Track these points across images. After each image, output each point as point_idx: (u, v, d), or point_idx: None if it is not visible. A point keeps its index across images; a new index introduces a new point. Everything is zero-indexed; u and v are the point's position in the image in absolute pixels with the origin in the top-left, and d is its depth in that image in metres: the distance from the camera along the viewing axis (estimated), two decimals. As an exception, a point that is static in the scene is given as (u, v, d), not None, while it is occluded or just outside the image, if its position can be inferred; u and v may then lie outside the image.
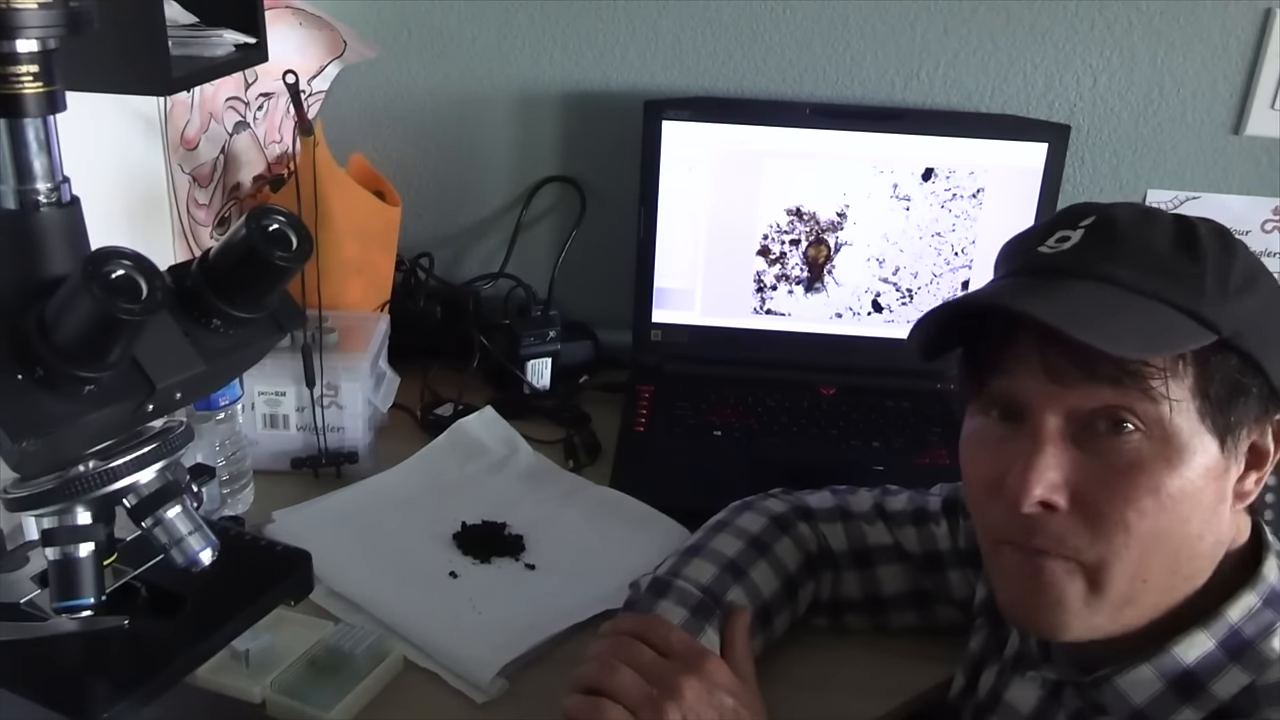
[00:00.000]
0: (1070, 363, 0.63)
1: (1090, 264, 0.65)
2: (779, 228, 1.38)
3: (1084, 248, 0.66)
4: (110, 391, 0.58)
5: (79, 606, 0.63)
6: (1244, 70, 1.38)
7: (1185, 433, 0.63)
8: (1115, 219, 0.66)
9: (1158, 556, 0.64)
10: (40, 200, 0.58)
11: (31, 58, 0.56)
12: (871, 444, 1.28)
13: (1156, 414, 0.63)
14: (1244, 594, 0.66)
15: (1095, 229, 0.66)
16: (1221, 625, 0.66)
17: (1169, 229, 0.66)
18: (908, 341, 0.71)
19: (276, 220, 0.62)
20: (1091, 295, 0.64)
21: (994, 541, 0.70)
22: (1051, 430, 0.65)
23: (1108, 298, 0.64)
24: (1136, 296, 0.64)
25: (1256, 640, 0.65)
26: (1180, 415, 0.63)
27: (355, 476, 1.17)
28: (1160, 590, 0.66)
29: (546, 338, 1.39)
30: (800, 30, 1.41)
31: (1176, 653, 0.66)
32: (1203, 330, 0.63)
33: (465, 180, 1.52)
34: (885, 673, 0.93)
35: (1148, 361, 0.62)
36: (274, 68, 1.17)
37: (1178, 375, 0.63)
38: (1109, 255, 0.65)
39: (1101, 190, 1.46)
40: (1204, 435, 0.64)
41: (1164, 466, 0.63)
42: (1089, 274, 0.65)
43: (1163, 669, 0.66)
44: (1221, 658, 0.65)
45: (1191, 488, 0.63)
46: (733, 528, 0.92)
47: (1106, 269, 0.65)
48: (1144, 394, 0.63)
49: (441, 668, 0.90)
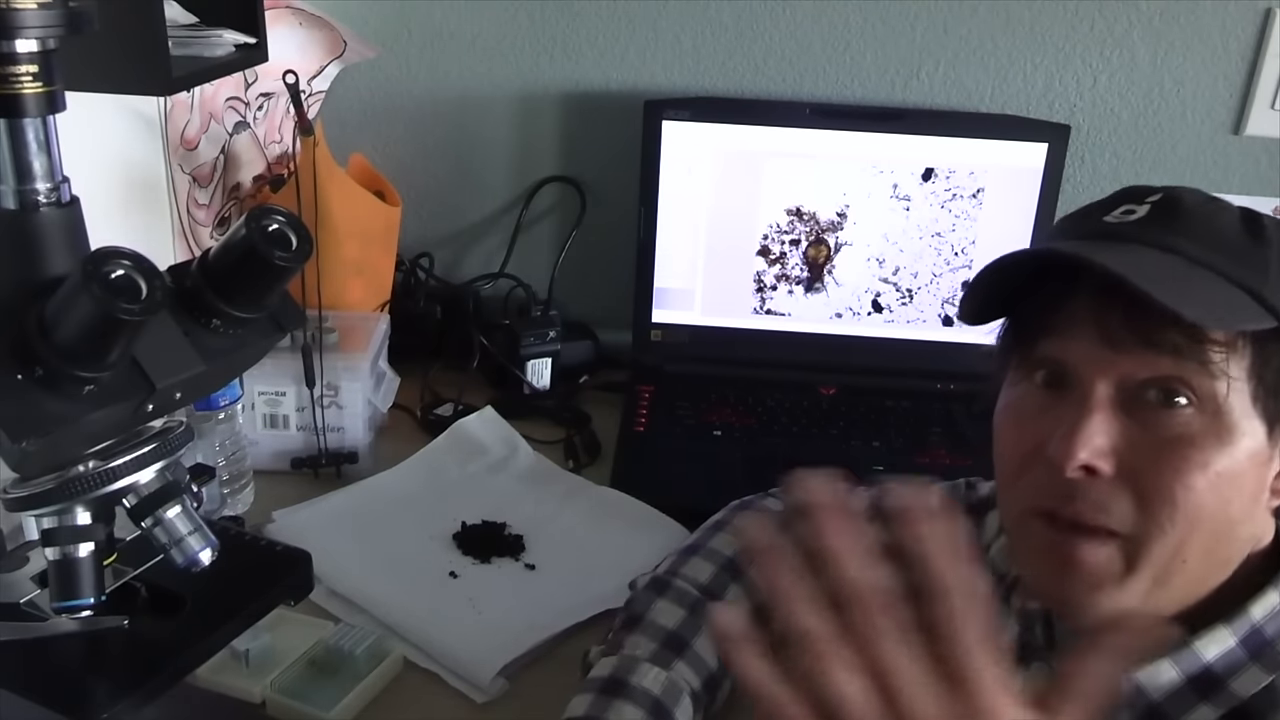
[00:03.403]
0: (1127, 328, 0.61)
1: (1156, 234, 0.64)
2: (779, 228, 1.38)
3: (1150, 220, 0.65)
4: (110, 391, 0.58)
5: (79, 606, 0.62)
6: (1244, 70, 1.38)
7: (1237, 412, 0.62)
8: (1182, 198, 0.66)
9: (1198, 536, 0.62)
10: (40, 200, 0.58)
11: (31, 58, 0.56)
12: (871, 444, 1.28)
13: (1212, 389, 0.61)
14: (1268, 592, 0.65)
15: (1162, 205, 0.66)
16: (1244, 622, 0.65)
17: (1235, 213, 0.65)
18: (960, 302, 0.68)
19: (276, 220, 0.62)
20: (1159, 261, 0.63)
21: (1024, 513, 0.66)
22: (1101, 397, 0.63)
23: (1175, 265, 0.63)
24: (1202, 269, 0.63)
25: (1277, 639, 0.64)
26: (1235, 395, 0.61)
27: (355, 476, 1.17)
28: (1195, 574, 0.65)
29: (546, 338, 1.39)
30: (800, 30, 1.41)
31: (1197, 647, 0.65)
32: (1264, 313, 0.62)
33: (465, 180, 1.52)
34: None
35: (1209, 335, 0.61)
36: (274, 68, 1.17)
37: (1237, 353, 0.61)
38: (1175, 229, 0.64)
39: (1101, 190, 1.41)
40: (1254, 419, 0.62)
41: (1214, 443, 0.61)
42: (1155, 243, 0.64)
43: (1182, 664, 0.65)
44: (1242, 655, 0.64)
45: (1238, 469, 0.62)
46: (731, 527, 0.92)
47: (1172, 240, 0.64)
48: (1202, 367, 0.61)
49: (441, 668, 0.90)
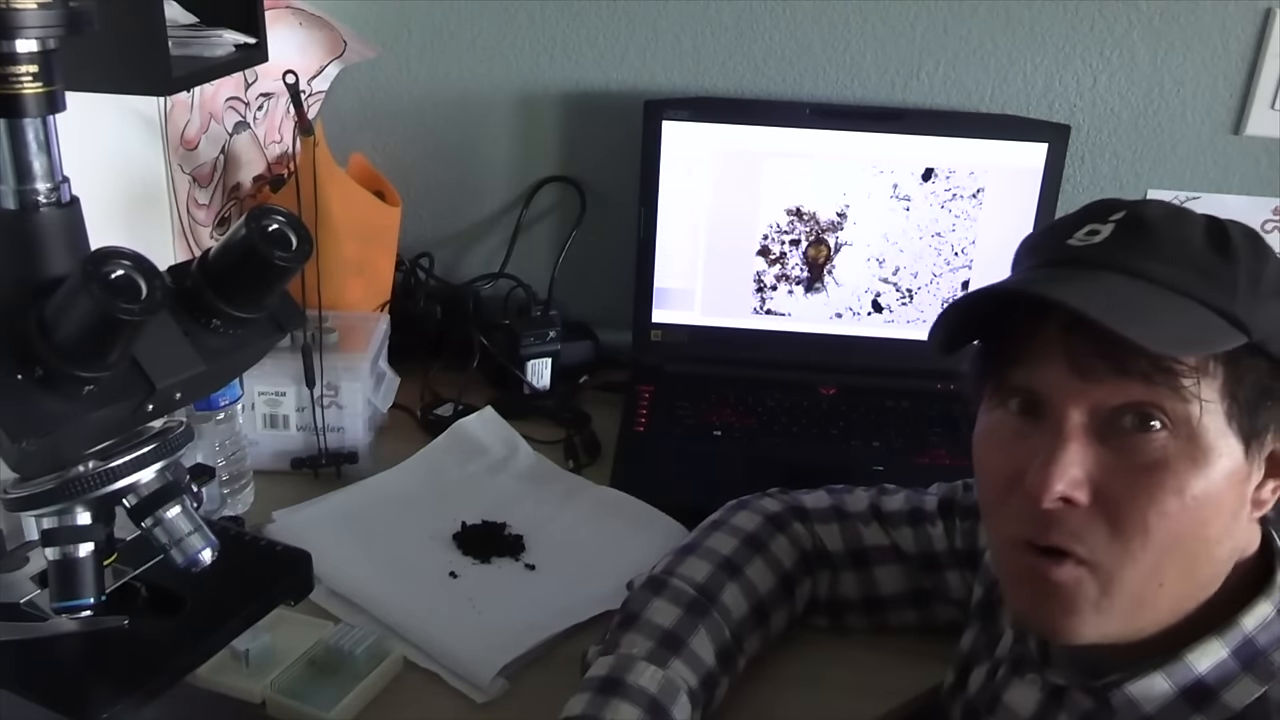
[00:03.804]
0: (1098, 357, 0.61)
1: (1122, 258, 0.63)
2: (779, 228, 1.38)
3: (1115, 241, 0.64)
4: (110, 391, 0.58)
5: (79, 606, 0.62)
6: (1244, 70, 1.38)
7: (1212, 434, 0.62)
8: (1146, 215, 0.65)
9: (1175, 560, 0.63)
10: (40, 200, 0.58)
11: (31, 58, 0.56)
12: (871, 444, 1.28)
13: (1185, 413, 0.61)
14: (1259, 603, 0.65)
15: (1126, 224, 0.65)
16: (1236, 634, 0.64)
17: (1201, 228, 0.64)
18: (930, 333, 0.68)
19: (276, 220, 0.62)
20: (1124, 288, 0.62)
21: (1006, 543, 0.67)
22: (1075, 426, 0.63)
23: (1140, 292, 0.62)
24: (1169, 293, 0.62)
25: (1269, 650, 0.64)
26: (1209, 416, 0.61)
27: (355, 476, 1.17)
28: (1175, 595, 0.65)
29: (546, 338, 1.39)
30: (800, 30, 1.41)
31: (1190, 660, 0.65)
32: (1234, 332, 0.61)
33: (465, 180, 1.52)
34: (884, 673, 0.93)
35: (1180, 360, 0.61)
36: (274, 68, 1.17)
37: (1209, 375, 0.61)
38: (1141, 250, 0.63)
39: (1101, 190, 1.45)
40: (1229, 438, 0.62)
41: (1189, 467, 0.61)
42: (1121, 268, 0.63)
43: (1175, 677, 0.65)
44: (1234, 667, 0.64)
45: (1215, 490, 0.62)
46: (728, 526, 0.92)
47: (1138, 264, 0.63)
48: (1174, 392, 0.61)
49: (441, 668, 0.90)
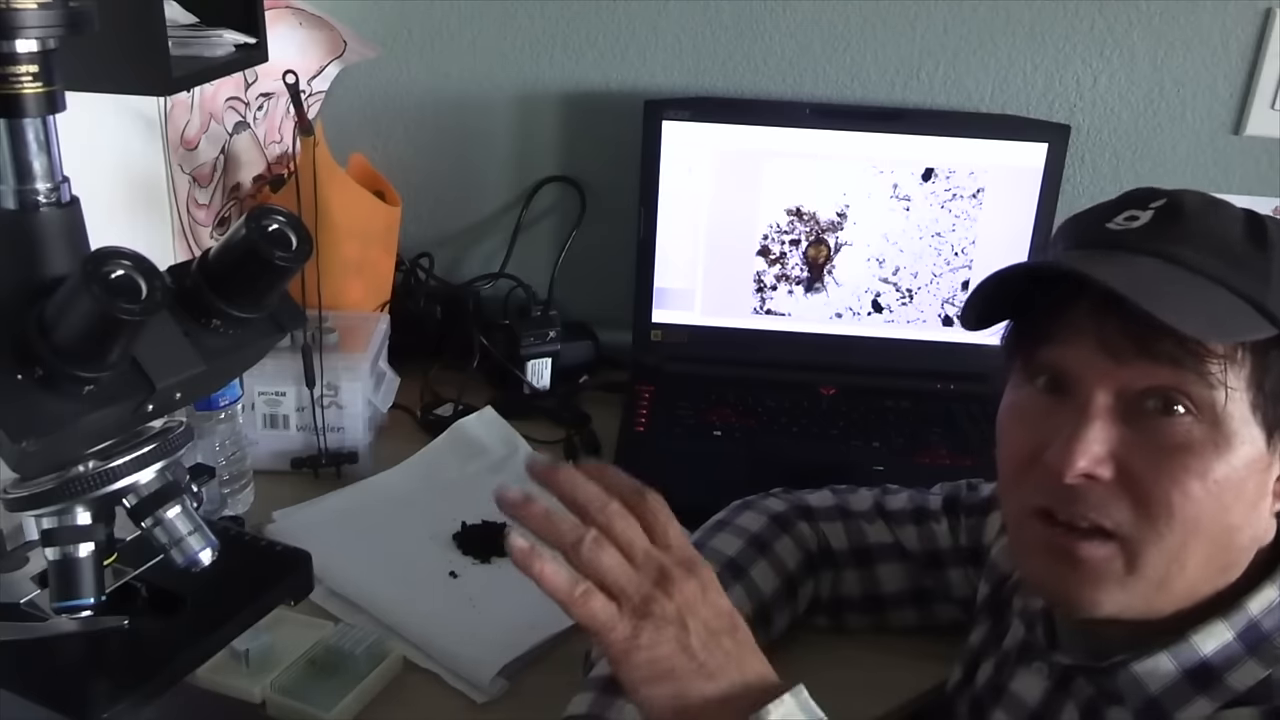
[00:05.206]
0: (1128, 338, 0.62)
1: (1159, 244, 0.64)
2: (779, 228, 1.38)
3: (1153, 227, 0.65)
4: (110, 391, 0.58)
5: (79, 606, 0.62)
6: (1244, 70, 1.38)
7: (1235, 421, 0.62)
8: (1186, 203, 0.66)
9: (1197, 543, 0.63)
10: (40, 200, 0.58)
11: (31, 58, 0.56)
12: (871, 444, 1.27)
13: (1210, 399, 0.62)
14: (1265, 587, 0.66)
15: (1166, 211, 0.66)
16: (1241, 617, 0.65)
17: (1239, 219, 0.65)
18: (963, 307, 0.69)
19: (276, 220, 0.62)
20: (1159, 272, 0.63)
21: (1024, 512, 0.68)
22: (1100, 405, 0.64)
23: (1175, 277, 0.63)
24: (1203, 279, 0.63)
25: (1274, 634, 0.65)
26: (1233, 404, 0.62)
27: (355, 476, 1.17)
28: (1195, 579, 0.65)
29: (546, 338, 1.39)
30: (800, 30, 1.41)
31: (1195, 641, 0.65)
32: (1265, 322, 0.62)
33: (465, 180, 1.52)
34: (885, 672, 0.93)
35: (1208, 346, 0.61)
36: (274, 68, 1.17)
37: (1236, 363, 0.62)
38: (1178, 237, 0.64)
39: (1102, 190, 1.45)
40: (1253, 427, 0.63)
41: (1212, 451, 0.62)
42: (1157, 253, 0.64)
43: (1180, 658, 0.65)
44: (1239, 650, 0.65)
45: (1237, 476, 0.63)
46: (733, 527, 0.92)
47: (1175, 250, 0.64)
48: (1201, 378, 0.61)
49: (441, 668, 0.90)
